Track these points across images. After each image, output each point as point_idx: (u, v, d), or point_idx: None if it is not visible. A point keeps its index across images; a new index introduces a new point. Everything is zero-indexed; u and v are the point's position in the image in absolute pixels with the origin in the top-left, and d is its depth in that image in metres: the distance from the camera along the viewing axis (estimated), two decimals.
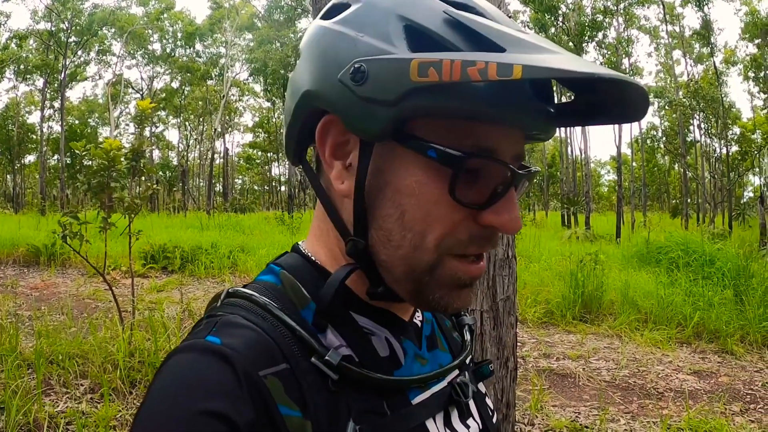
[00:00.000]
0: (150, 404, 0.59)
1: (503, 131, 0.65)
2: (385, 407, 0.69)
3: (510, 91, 0.61)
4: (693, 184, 44.91)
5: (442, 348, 0.86)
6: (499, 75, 0.53)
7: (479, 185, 0.66)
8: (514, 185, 0.66)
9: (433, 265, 0.67)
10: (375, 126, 0.63)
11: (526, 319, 8.34)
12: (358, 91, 0.62)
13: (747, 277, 8.68)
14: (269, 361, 0.62)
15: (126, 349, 5.33)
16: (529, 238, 17.56)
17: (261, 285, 0.74)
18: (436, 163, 0.63)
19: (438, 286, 0.68)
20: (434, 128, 0.63)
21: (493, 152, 0.64)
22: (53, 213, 25.95)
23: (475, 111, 0.61)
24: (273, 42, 43.69)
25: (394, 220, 0.66)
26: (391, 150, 0.66)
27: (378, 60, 0.61)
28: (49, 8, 41.22)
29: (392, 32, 0.63)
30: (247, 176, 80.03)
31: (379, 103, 0.61)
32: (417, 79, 0.57)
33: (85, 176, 6.22)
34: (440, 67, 0.55)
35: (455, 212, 0.65)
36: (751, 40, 36.05)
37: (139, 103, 6.83)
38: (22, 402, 4.22)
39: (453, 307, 0.70)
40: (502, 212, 0.65)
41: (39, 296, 9.44)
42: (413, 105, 0.60)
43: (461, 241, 0.66)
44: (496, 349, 2.76)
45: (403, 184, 0.65)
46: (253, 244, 15.38)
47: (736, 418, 4.92)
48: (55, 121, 51.41)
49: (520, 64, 0.53)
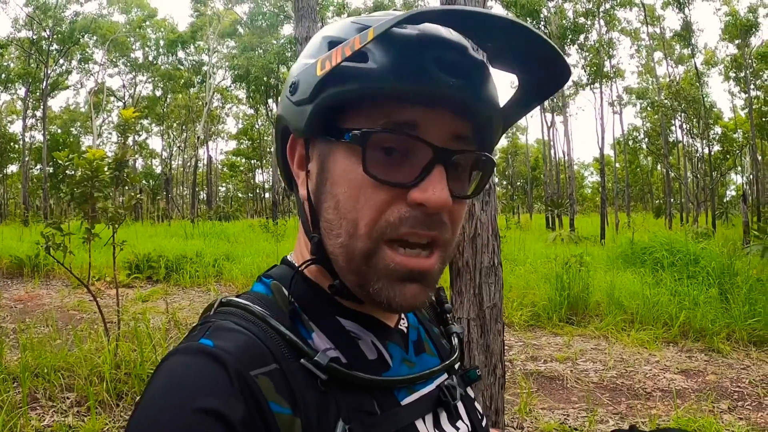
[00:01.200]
0: (146, 404, 0.61)
1: (423, 110, 0.68)
2: (375, 407, 0.71)
3: (407, 67, 0.66)
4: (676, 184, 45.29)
5: (429, 353, 0.87)
6: (361, 42, 0.61)
7: (405, 166, 0.69)
8: (440, 163, 0.68)
9: (369, 252, 0.69)
10: (303, 122, 0.72)
11: (513, 323, 8.36)
12: (293, 99, 0.73)
13: (731, 275, 8.75)
14: (260, 361, 0.64)
15: (112, 361, 5.29)
16: (514, 241, 17.62)
17: (253, 295, 0.77)
18: (355, 146, 0.68)
19: (377, 276, 0.69)
20: (356, 117, 0.69)
21: (412, 129, 0.68)
22: (36, 223, 25.74)
23: (376, 89, 0.66)
24: (256, 49, 43.65)
25: (332, 210, 0.71)
26: (326, 146, 0.72)
27: (302, 71, 0.72)
28: (30, 16, 40.94)
29: (320, 49, 0.74)
30: (231, 184, 79.89)
31: (304, 103, 0.71)
32: (320, 72, 0.66)
33: (68, 186, 6.17)
34: (330, 57, 0.65)
35: (381, 194, 0.68)
36: (731, 40, 36.39)
37: (122, 111, 6.79)
38: (7, 417, 4.18)
39: (396, 302, 0.70)
40: (427, 188, 0.67)
41: (23, 308, 9.37)
42: (325, 95, 0.68)
43: (391, 223, 0.68)
44: (483, 356, 2.76)
45: (336, 174, 0.71)
46: (238, 252, 15.35)
47: (724, 415, 4.95)
48: (37, 131, 51.06)
49: (372, 27, 0.60)
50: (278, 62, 42.07)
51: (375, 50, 0.67)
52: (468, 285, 2.85)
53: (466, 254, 2.87)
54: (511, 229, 28.08)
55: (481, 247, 2.88)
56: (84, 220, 6.23)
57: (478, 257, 2.85)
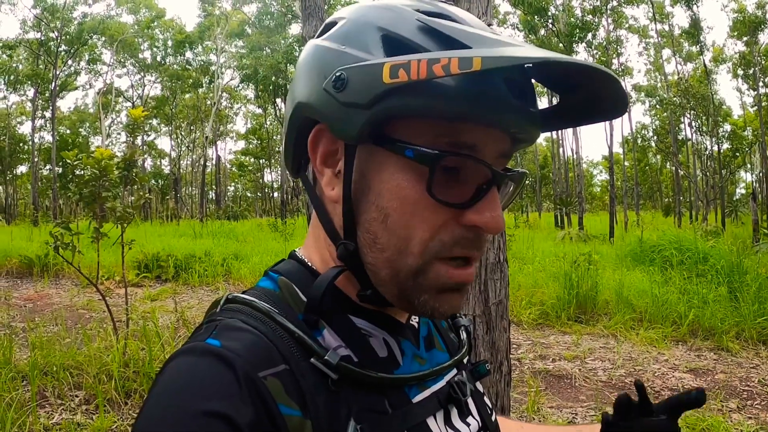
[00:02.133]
0: (151, 406, 0.60)
1: (483, 131, 0.66)
2: (386, 405, 0.70)
3: (483, 89, 0.63)
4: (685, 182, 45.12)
5: (439, 348, 0.87)
6: (461, 68, 0.55)
7: (460, 185, 0.67)
8: (495, 184, 0.68)
9: (418, 269, 0.68)
10: (353, 128, 0.65)
11: (522, 321, 8.35)
12: (339, 97, 0.65)
13: (741, 273, 8.70)
14: (268, 362, 0.63)
15: (120, 360, 5.31)
16: (522, 239, 17.60)
17: (260, 291, 0.75)
18: (414, 163, 0.65)
19: (422, 290, 0.69)
20: (413, 130, 0.65)
21: (472, 150, 0.66)
22: (46, 223, 25.88)
23: (448, 109, 0.63)
24: (263, 48, 43.75)
25: (379, 223, 0.68)
26: (373, 154, 0.68)
27: (356, 67, 0.64)
28: (38, 17, 41.12)
29: (370, 42, 0.67)
30: (240, 183, 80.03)
31: (357, 107, 0.64)
32: (389, 81, 0.60)
33: (77, 186, 6.19)
34: (408, 68, 0.58)
35: (437, 214, 0.66)
36: (740, 37, 36.22)
37: (131, 111, 6.81)
38: (17, 414, 4.20)
39: (439, 312, 0.70)
40: (483, 211, 0.66)
41: (32, 307, 9.42)
42: (387, 106, 0.62)
43: (445, 243, 0.67)
44: (489, 353, 2.75)
45: (385, 187, 0.67)
46: (247, 251, 15.36)
47: (733, 415, 4.93)
48: (46, 131, 51.33)
49: (479, 56, 0.55)
50: (286, 62, 42.17)
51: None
52: (474, 281, 2.84)
53: None
54: (520, 227, 28.02)
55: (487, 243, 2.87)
56: (93, 220, 6.26)
57: (484, 254, 2.85)
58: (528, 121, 0.67)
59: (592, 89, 0.67)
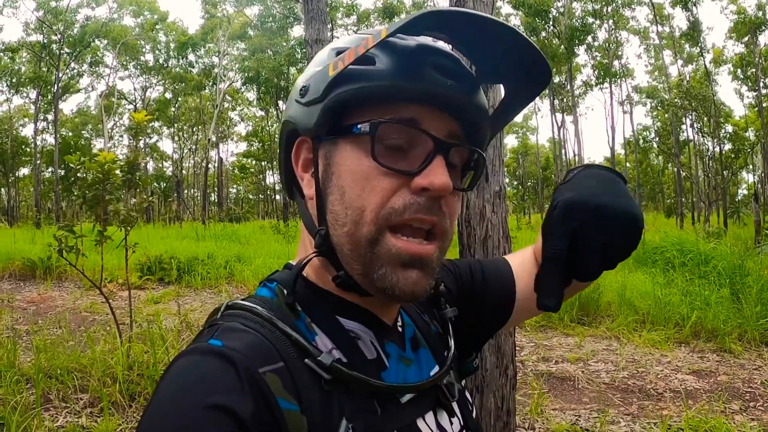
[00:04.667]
0: (157, 402, 0.63)
1: (425, 109, 0.75)
2: (375, 405, 0.74)
3: (410, 68, 0.74)
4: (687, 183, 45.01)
5: (424, 346, 0.91)
6: (375, 40, 0.69)
7: (407, 157, 0.75)
8: (439, 153, 0.75)
9: (373, 240, 0.74)
10: (313, 120, 0.77)
11: (524, 323, 8.34)
12: (303, 100, 0.79)
13: (743, 275, 8.70)
14: (267, 360, 0.68)
15: (125, 362, 5.32)
16: (525, 241, 17.56)
17: (258, 299, 0.80)
18: (362, 138, 0.74)
19: (380, 262, 0.74)
20: (363, 114, 0.75)
21: (416, 124, 0.75)
22: (48, 226, 25.88)
23: (382, 88, 0.73)
24: (266, 51, 43.73)
25: (338, 201, 0.76)
26: (333, 144, 0.77)
27: (313, 76, 0.79)
28: (40, 20, 41.15)
29: (327, 58, 0.81)
30: (242, 185, 79.94)
31: (315, 102, 0.76)
32: (332, 72, 0.74)
33: (80, 189, 6.21)
34: (343, 57, 0.73)
35: (386, 182, 0.74)
36: (740, 39, 36.16)
37: (134, 114, 6.82)
38: (21, 417, 4.21)
39: (399, 288, 0.74)
40: (429, 174, 0.73)
41: (36, 310, 9.41)
42: (336, 94, 0.74)
43: (396, 209, 0.74)
44: (495, 357, 2.76)
45: (343, 168, 0.76)
46: (250, 253, 15.35)
47: (735, 416, 4.93)
48: (48, 134, 51.33)
49: (385, 28, 0.69)
50: (288, 64, 42.19)
51: (381, 55, 0.75)
52: None
53: (478, 256, 2.88)
54: (522, 229, 27.98)
55: (492, 249, 2.89)
56: (96, 223, 6.27)
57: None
58: (459, 96, 0.76)
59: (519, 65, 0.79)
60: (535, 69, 0.78)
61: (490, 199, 2.96)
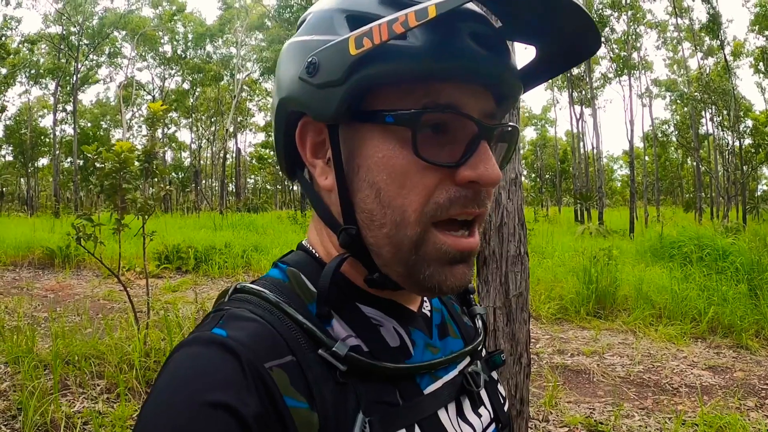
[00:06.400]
0: (156, 396, 0.59)
1: (459, 88, 0.66)
2: (397, 397, 0.69)
3: (448, 42, 0.63)
4: (706, 178, 44.65)
5: (453, 335, 0.86)
6: (418, 19, 0.56)
7: (449, 145, 0.67)
8: (484, 138, 0.67)
9: (418, 240, 0.67)
10: (332, 107, 0.66)
11: (540, 315, 8.33)
12: (314, 81, 0.66)
13: (761, 271, 8.62)
14: (275, 353, 0.63)
15: (141, 349, 5.36)
16: (542, 234, 17.55)
17: (268, 281, 0.75)
18: (397, 129, 0.65)
19: (427, 263, 0.68)
20: (390, 99, 0.66)
21: (455, 107, 0.66)
22: (67, 215, 26.14)
23: (419, 69, 0.63)
24: (283, 41, 43.71)
25: (372, 199, 0.68)
26: (357, 132, 0.69)
27: (324, 49, 0.65)
28: (60, 12, 41.41)
29: (337, 25, 0.68)
30: (260, 176, 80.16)
31: (332, 85, 0.65)
32: (355, 51, 0.61)
33: (97, 179, 6.25)
34: (371, 34, 0.59)
35: (429, 177, 0.66)
36: (761, 32, 35.72)
37: (150, 105, 6.86)
38: (39, 403, 4.25)
39: (447, 285, 0.69)
40: (477, 165, 0.66)
41: (54, 298, 9.51)
42: (360, 77, 0.63)
43: (441, 204, 0.67)
44: (509, 345, 2.76)
45: (373, 161, 0.68)
46: (267, 243, 15.42)
47: (751, 413, 4.90)
48: (67, 124, 51.77)
49: (433, 4, 0.56)
50: None
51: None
52: (494, 274, 2.85)
53: (493, 243, 2.87)
54: (540, 221, 27.99)
55: (508, 236, 2.87)
56: (114, 212, 6.31)
57: (505, 246, 2.85)
58: (501, 72, 0.67)
59: (563, 30, 0.68)
60: (580, 39, 0.69)
61: (506, 186, 2.94)
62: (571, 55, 0.73)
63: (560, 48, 0.72)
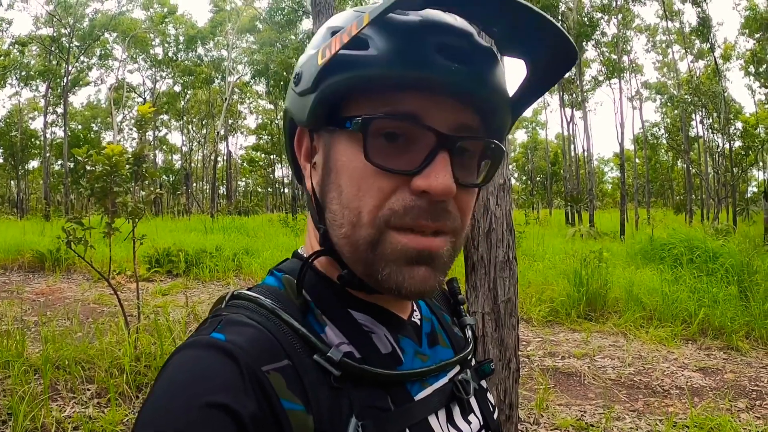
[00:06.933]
0: (154, 398, 0.60)
1: (427, 98, 0.67)
2: (389, 402, 0.70)
3: (409, 54, 0.65)
4: (696, 180, 44.83)
5: (443, 344, 0.87)
6: (358, 27, 0.60)
7: (407, 153, 0.68)
8: (443, 149, 0.67)
9: (374, 240, 0.68)
10: (306, 112, 0.71)
11: (531, 318, 8.35)
12: (297, 90, 0.73)
13: (751, 272, 8.66)
14: (272, 357, 0.64)
15: (132, 354, 5.35)
16: (533, 236, 17.57)
17: (264, 288, 0.76)
18: (356, 135, 0.67)
19: (384, 262, 0.68)
20: (357, 107, 0.68)
21: (415, 117, 0.66)
22: (57, 218, 26.01)
23: (376, 77, 0.65)
24: (274, 44, 43.73)
25: (336, 200, 0.71)
26: (330, 137, 0.72)
27: (306, 62, 0.72)
28: (51, 14, 41.27)
29: (323, 39, 0.72)
30: (251, 178, 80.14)
31: (307, 93, 0.70)
32: (320, 61, 0.66)
33: (88, 182, 6.23)
34: (330, 45, 0.65)
35: (383, 181, 0.67)
36: (751, 35, 35.93)
37: (139, 108, 6.86)
38: (29, 407, 4.23)
39: (405, 287, 0.69)
40: (429, 175, 0.66)
41: (45, 302, 9.46)
42: (325, 85, 0.67)
43: (396, 211, 0.67)
44: (498, 350, 2.77)
45: (339, 164, 0.70)
46: (258, 246, 15.38)
47: (741, 414, 4.92)
48: (58, 127, 51.60)
49: (368, 12, 0.59)
50: (297, 57, 42.09)
51: (376, 37, 0.66)
52: (483, 279, 2.85)
53: (481, 249, 2.88)
54: (531, 224, 28.00)
55: (496, 241, 2.88)
56: (104, 215, 6.30)
57: (493, 252, 2.86)
58: (470, 83, 0.67)
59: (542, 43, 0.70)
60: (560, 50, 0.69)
61: (494, 192, 2.94)
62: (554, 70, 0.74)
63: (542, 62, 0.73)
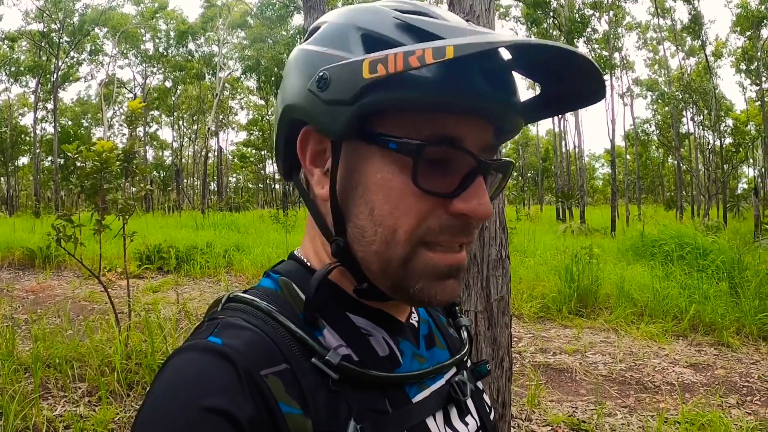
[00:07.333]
0: (152, 402, 0.60)
1: (464, 121, 0.67)
2: (387, 405, 0.70)
3: (459, 78, 0.64)
4: (687, 177, 45.02)
5: (440, 346, 0.87)
6: (435, 57, 0.57)
7: (446, 175, 0.68)
8: (481, 174, 0.69)
9: (407, 258, 0.69)
10: (338, 125, 0.67)
11: (523, 314, 8.36)
12: (323, 96, 0.67)
13: (741, 269, 8.70)
14: (270, 361, 0.64)
15: (123, 351, 5.32)
16: (524, 232, 17.60)
17: (261, 291, 0.76)
18: (398, 155, 0.66)
19: (415, 278, 0.69)
20: (396, 123, 0.67)
21: (456, 141, 0.67)
22: (48, 215, 25.90)
23: (428, 100, 0.64)
24: (265, 39, 43.66)
25: (366, 216, 0.69)
26: (358, 150, 0.69)
27: (337, 66, 0.66)
28: (40, 9, 41.04)
29: (351, 42, 0.69)
30: (242, 174, 80.00)
31: (340, 104, 0.65)
32: (368, 75, 0.61)
33: (78, 178, 6.20)
34: (386, 62, 0.60)
35: (422, 202, 0.67)
36: (743, 32, 36.09)
37: (130, 103, 6.83)
38: (19, 406, 4.21)
39: (436, 299, 0.71)
40: (470, 199, 0.67)
41: (35, 299, 9.42)
42: (369, 101, 0.64)
43: (432, 229, 0.68)
44: (491, 349, 2.77)
45: (371, 180, 0.69)
46: (249, 242, 15.35)
47: (732, 410, 4.94)
48: (48, 123, 51.33)
49: (452, 45, 0.56)
50: (288, 53, 42.00)
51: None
52: (475, 278, 2.85)
53: (474, 247, 2.88)
54: (522, 220, 28.07)
55: (489, 240, 2.88)
56: (94, 212, 6.27)
57: (486, 250, 2.85)
58: (507, 109, 0.68)
59: (571, 75, 0.68)
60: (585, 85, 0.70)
61: None
62: (574, 99, 0.74)
63: (566, 91, 0.73)
